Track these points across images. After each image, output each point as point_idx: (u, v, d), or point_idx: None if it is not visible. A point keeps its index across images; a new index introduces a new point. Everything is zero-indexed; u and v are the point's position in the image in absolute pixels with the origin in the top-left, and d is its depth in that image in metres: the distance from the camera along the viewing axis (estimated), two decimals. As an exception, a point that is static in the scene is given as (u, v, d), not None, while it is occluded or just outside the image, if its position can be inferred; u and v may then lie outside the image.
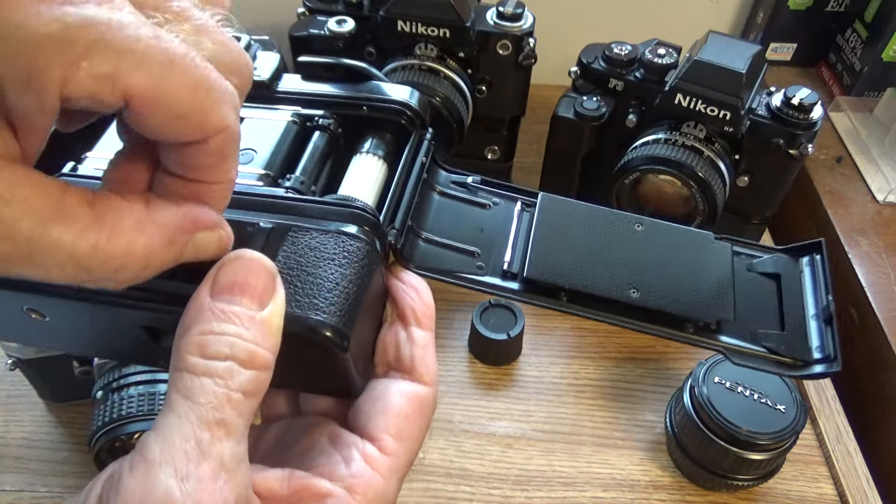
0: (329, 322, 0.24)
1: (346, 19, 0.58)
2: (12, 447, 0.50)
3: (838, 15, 0.79)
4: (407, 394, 0.27)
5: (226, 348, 0.22)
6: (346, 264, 0.25)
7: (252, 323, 0.22)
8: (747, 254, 0.32)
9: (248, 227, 0.25)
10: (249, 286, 0.23)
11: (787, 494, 0.51)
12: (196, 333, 0.22)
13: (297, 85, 0.32)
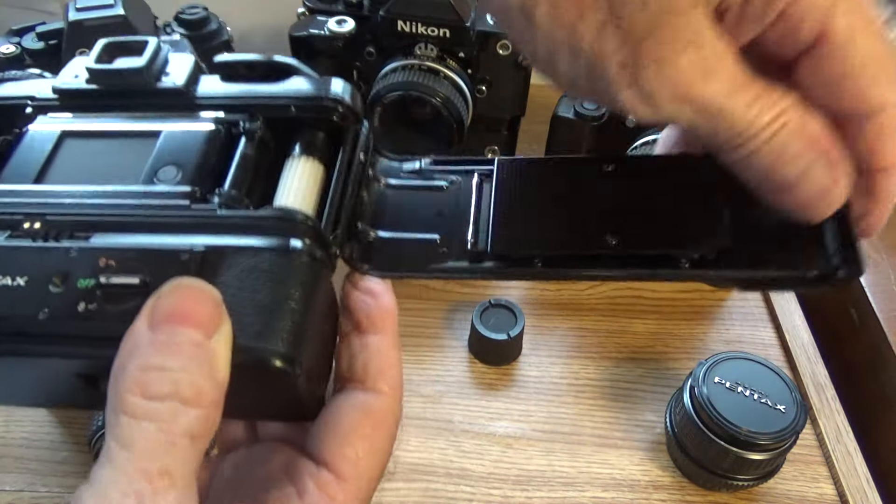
0: (277, 349, 0.22)
1: (346, 19, 0.59)
2: (12, 447, 0.50)
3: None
4: (360, 406, 0.25)
5: (168, 385, 0.20)
6: (291, 284, 0.24)
7: (197, 355, 0.20)
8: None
9: (182, 254, 0.24)
10: (192, 315, 0.21)
11: (787, 494, 0.51)
12: (135, 369, 0.20)
13: (217, 87, 0.29)
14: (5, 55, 0.52)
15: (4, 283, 0.24)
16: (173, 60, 0.29)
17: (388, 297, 0.27)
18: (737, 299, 0.64)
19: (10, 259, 0.24)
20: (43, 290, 0.24)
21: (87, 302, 0.23)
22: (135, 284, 0.23)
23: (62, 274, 0.24)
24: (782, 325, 0.61)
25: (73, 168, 0.27)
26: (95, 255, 0.24)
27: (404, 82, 0.56)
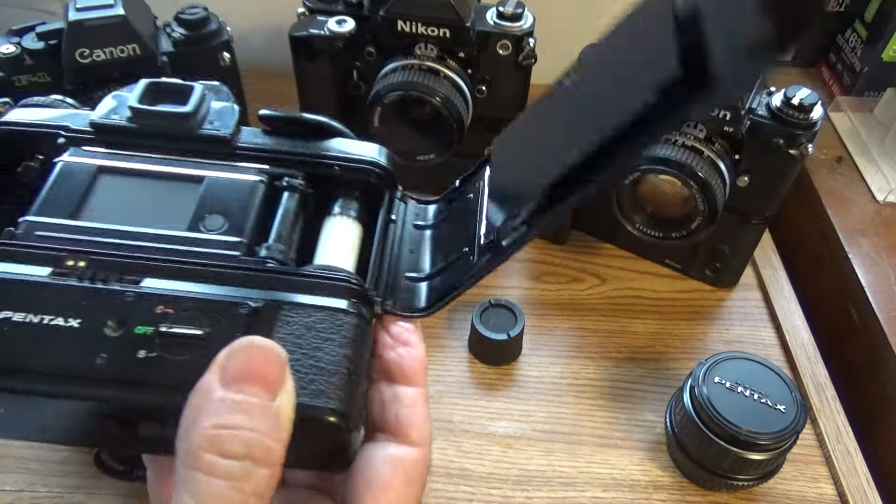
0: (337, 408, 0.23)
1: (346, 19, 0.58)
2: (12, 447, 0.50)
3: (838, 15, 0.79)
4: (393, 461, 0.25)
5: (242, 446, 0.20)
6: (344, 343, 0.25)
7: (266, 415, 0.21)
8: None
9: (240, 308, 0.24)
10: (262, 375, 0.21)
11: (787, 494, 0.51)
12: (210, 427, 0.20)
13: (260, 140, 0.30)
14: (5, 55, 0.52)
15: (57, 324, 0.24)
16: (216, 108, 0.29)
17: (420, 349, 0.28)
18: (737, 299, 0.64)
19: (60, 298, 0.24)
20: (99, 333, 0.23)
21: (147, 349, 0.23)
22: (197, 335, 0.24)
23: (119, 318, 0.24)
24: (782, 325, 0.61)
25: (111, 206, 0.27)
26: (152, 301, 0.24)
27: (404, 82, 0.56)
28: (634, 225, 0.57)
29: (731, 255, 0.61)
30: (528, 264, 0.66)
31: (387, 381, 0.27)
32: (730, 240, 0.60)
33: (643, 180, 0.55)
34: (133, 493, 0.48)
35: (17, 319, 0.23)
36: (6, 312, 0.23)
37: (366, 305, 0.26)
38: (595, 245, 0.67)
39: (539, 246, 0.67)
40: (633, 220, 0.57)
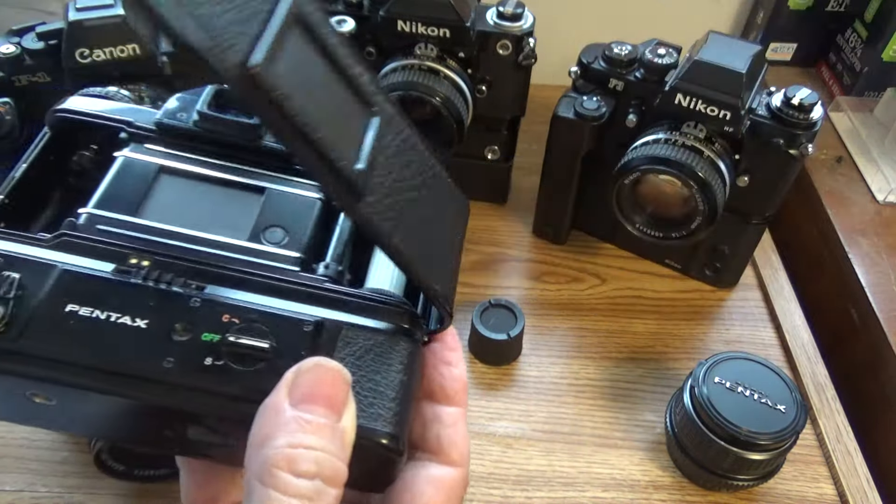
0: (394, 433, 0.24)
1: (346, 19, 0.58)
2: (12, 447, 0.50)
3: (838, 15, 0.79)
4: (435, 481, 0.26)
5: (314, 466, 0.21)
6: (402, 369, 0.25)
7: (334, 436, 0.21)
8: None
9: (305, 325, 0.25)
10: (330, 397, 0.22)
11: (787, 494, 0.51)
12: (284, 445, 0.21)
13: None
14: (5, 55, 0.52)
15: (124, 322, 0.23)
16: None
17: (462, 368, 0.28)
18: (737, 299, 0.64)
19: (126, 296, 0.24)
20: (166, 336, 0.24)
21: (214, 357, 0.24)
22: (263, 348, 0.24)
23: (186, 323, 0.24)
24: (782, 325, 0.61)
25: (172, 207, 0.27)
26: (218, 309, 0.24)
27: (404, 82, 0.56)
28: (634, 225, 0.57)
29: (731, 255, 0.61)
30: (528, 264, 0.66)
31: (428, 400, 0.27)
32: (730, 240, 0.60)
33: (643, 180, 0.55)
34: (133, 493, 0.48)
35: (84, 314, 0.23)
36: (72, 306, 0.23)
37: (418, 330, 0.27)
38: (595, 245, 0.67)
39: (539, 246, 0.67)
40: (633, 220, 0.57)
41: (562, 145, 0.59)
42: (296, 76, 0.21)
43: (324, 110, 0.22)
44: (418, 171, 0.26)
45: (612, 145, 0.58)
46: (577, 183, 0.62)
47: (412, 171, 0.26)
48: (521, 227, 0.69)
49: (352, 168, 0.23)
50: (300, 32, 0.22)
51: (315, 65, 0.22)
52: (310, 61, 0.22)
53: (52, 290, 0.24)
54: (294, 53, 0.21)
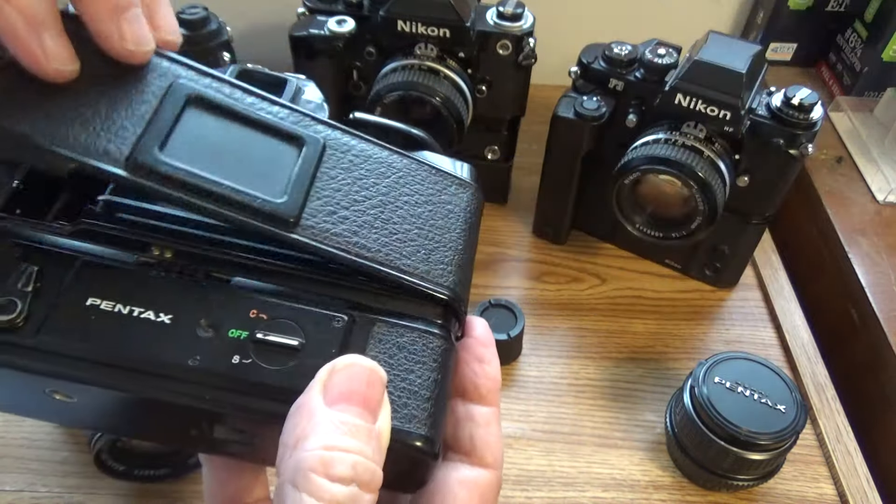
0: (428, 435, 0.23)
1: (346, 19, 0.58)
2: (12, 447, 0.50)
3: (838, 15, 0.79)
4: (468, 483, 0.25)
5: (350, 469, 0.19)
6: (436, 367, 0.24)
7: (370, 438, 0.20)
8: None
9: (335, 321, 0.24)
10: (365, 396, 0.21)
11: (787, 494, 0.51)
12: (318, 447, 0.20)
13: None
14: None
15: (147, 317, 0.23)
16: (307, 107, 0.28)
17: (495, 365, 0.27)
18: (737, 299, 0.64)
19: (150, 289, 0.23)
20: (192, 332, 0.23)
21: (242, 355, 0.23)
22: (293, 346, 0.23)
23: (211, 319, 0.23)
24: (782, 325, 0.61)
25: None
26: (245, 304, 0.23)
27: (404, 82, 0.56)
28: (634, 225, 0.57)
29: (731, 255, 0.61)
30: (528, 264, 0.66)
31: (461, 399, 0.26)
32: (730, 240, 0.60)
33: (643, 180, 0.55)
34: (133, 493, 0.48)
35: (105, 308, 0.22)
36: (93, 299, 0.22)
37: (452, 325, 0.26)
38: (595, 245, 0.67)
39: (539, 246, 0.67)
40: (633, 220, 0.57)
41: (562, 145, 0.59)
42: (194, 149, 0.24)
43: (230, 166, 0.24)
44: (381, 177, 0.27)
45: (612, 145, 0.58)
46: (577, 183, 0.62)
47: (371, 180, 0.27)
48: (521, 227, 0.69)
49: (272, 203, 0.24)
50: (201, 110, 0.25)
51: (222, 129, 0.25)
52: (215, 129, 0.24)
53: (73, 283, 0.23)
54: (192, 130, 0.24)
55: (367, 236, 0.25)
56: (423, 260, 0.26)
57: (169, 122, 0.24)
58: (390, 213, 0.26)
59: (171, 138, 0.24)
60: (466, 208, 0.28)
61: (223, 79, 0.26)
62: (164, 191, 0.23)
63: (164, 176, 0.23)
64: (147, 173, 0.23)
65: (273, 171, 0.25)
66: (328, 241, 0.24)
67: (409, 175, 0.28)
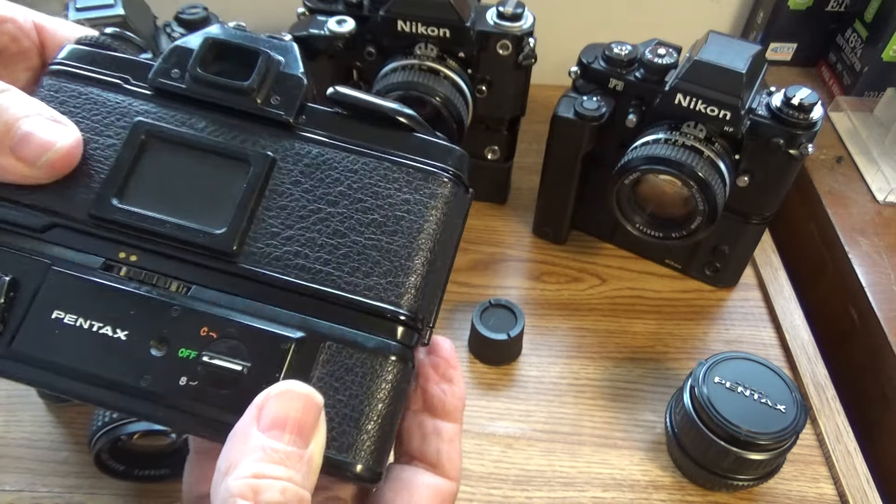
0: (364, 465, 0.23)
1: (346, 19, 0.58)
2: (12, 447, 0.50)
3: (838, 15, 0.79)
4: (433, 488, 0.26)
5: (279, 496, 0.21)
6: (384, 391, 0.24)
7: (300, 464, 0.21)
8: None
9: (283, 343, 0.24)
10: (298, 423, 0.22)
11: (787, 494, 0.51)
12: (248, 475, 0.21)
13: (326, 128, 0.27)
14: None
15: (105, 333, 0.24)
16: (282, 80, 0.27)
17: (461, 387, 0.28)
18: (737, 299, 0.64)
19: (110, 302, 0.24)
20: (144, 351, 0.24)
21: (189, 377, 0.23)
22: (238, 371, 0.23)
23: (163, 337, 0.24)
24: (782, 325, 0.61)
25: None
26: (197, 320, 0.24)
27: (404, 82, 0.56)
28: (634, 225, 0.57)
29: (731, 255, 0.61)
30: (528, 264, 0.66)
31: (429, 414, 0.28)
32: (730, 240, 0.60)
33: (643, 180, 0.55)
34: (133, 493, 0.48)
35: (68, 322, 0.24)
36: (58, 312, 0.24)
37: (410, 346, 0.25)
38: (595, 245, 0.67)
39: (539, 246, 0.67)
40: (633, 220, 0.57)
41: (562, 145, 0.59)
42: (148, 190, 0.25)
43: (181, 202, 0.25)
44: (333, 184, 0.26)
45: (612, 145, 0.58)
46: (576, 183, 0.62)
47: (321, 191, 0.26)
48: (521, 227, 0.69)
49: (212, 235, 0.25)
50: (156, 147, 0.26)
51: (177, 163, 0.26)
52: (169, 164, 0.26)
53: (42, 294, 0.24)
54: (148, 170, 0.26)
55: (311, 255, 0.25)
56: (374, 274, 0.25)
57: (127, 166, 0.26)
58: (338, 225, 0.25)
59: (128, 183, 0.25)
60: (435, 206, 0.26)
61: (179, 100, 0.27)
62: (120, 238, 0.25)
63: (120, 224, 0.25)
64: (106, 223, 0.25)
65: (220, 199, 0.25)
66: (269, 266, 0.25)
67: (365, 177, 0.26)
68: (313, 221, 0.25)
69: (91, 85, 0.27)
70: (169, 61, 0.27)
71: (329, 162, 0.26)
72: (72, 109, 0.26)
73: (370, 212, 0.26)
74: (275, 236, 0.25)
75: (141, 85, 0.27)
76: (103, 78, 0.27)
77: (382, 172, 0.26)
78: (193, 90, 0.26)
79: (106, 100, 0.27)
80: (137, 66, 0.27)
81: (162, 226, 0.25)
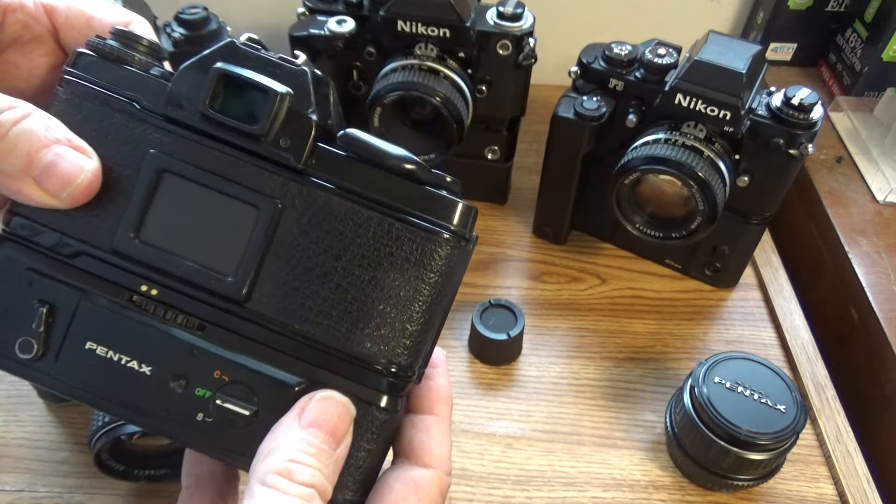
0: (353, 500, 0.27)
1: (346, 19, 0.58)
2: (12, 447, 0.50)
3: (838, 15, 0.79)
4: (405, 478, 0.27)
5: (310, 478, 0.23)
6: (372, 440, 0.27)
7: (329, 461, 0.24)
8: None
9: (286, 389, 0.26)
10: (333, 427, 0.25)
11: (787, 494, 0.51)
12: (286, 459, 0.24)
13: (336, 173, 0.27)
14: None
15: (132, 367, 0.26)
16: (293, 122, 0.26)
17: (445, 380, 0.30)
18: (737, 299, 0.64)
19: (137, 338, 0.26)
20: (165, 386, 0.26)
21: (205, 414, 0.26)
22: (246, 416, 0.26)
23: (183, 376, 0.26)
24: (782, 325, 0.61)
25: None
26: (212, 363, 0.26)
27: (404, 82, 0.56)
28: (634, 225, 0.57)
29: (731, 255, 0.61)
30: (528, 264, 0.66)
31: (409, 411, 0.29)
32: (730, 240, 0.60)
33: (643, 180, 0.55)
34: (133, 493, 0.48)
35: (100, 353, 0.26)
36: (91, 344, 0.26)
37: (399, 395, 0.28)
38: (595, 245, 0.67)
39: (539, 246, 0.67)
40: (633, 220, 0.57)
41: (562, 145, 0.59)
42: (166, 223, 0.26)
43: (195, 240, 0.26)
44: (338, 238, 0.26)
45: (612, 145, 0.58)
46: (576, 183, 0.62)
47: (326, 244, 0.26)
48: (521, 227, 0.69)
49: (224, 282, 0.26)
50: (171, 181, 0.26)
51: (190, 199, 0.26)
52: (184, 200, 0.26)
53: (76, 325, 0.27)
54: (164, 205, 0.26)
55: (314, 308, 0.26)
56: (371, 331, 0.26)
57: (143, 200, 0.27)
58: (341, 279, 0.26)
59: (145, 219, 0.27)
60: (434, 267, 0.27)
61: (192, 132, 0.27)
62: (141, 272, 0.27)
63: (140, 260, 0.27)
64: (124, 257, 0.27)
65: (231, 241, 0.26)
66: (276, 313, 0.27)
67: (369, 232, 0.26)
68: (318, 274, 0.26)
69: (105, 104, 0.27)
70: (180, 87, 0.26)
71: (335, 213, 0.27)
72: (89, 134, 0.26)
73: (372, 268, 0.27)
74: (281, 286, 0.27)
75: (153, 111, 0.27)
76: (115, 97, 0.27)
77: (386, 228, 0.27)
78: (203, 126, 0.26)
79: (120, 125, 0.27)
80: (149, 87, 0.27)
81: (178, 266, 0.26)
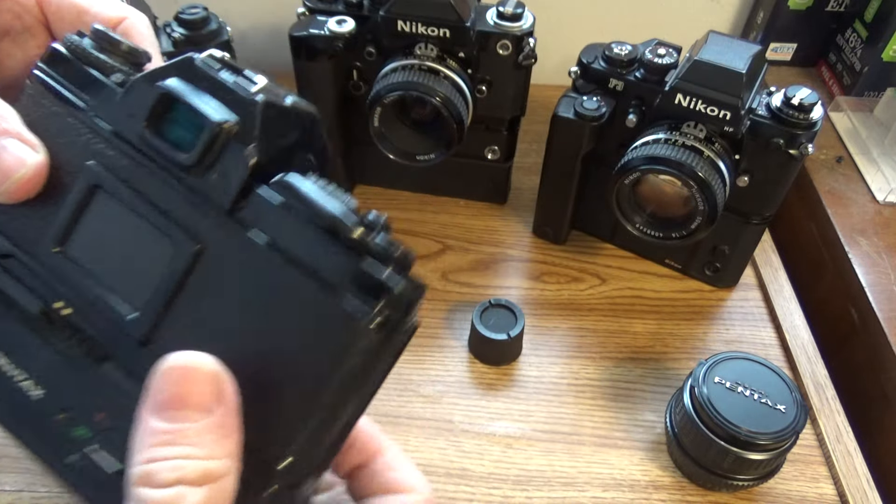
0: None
1: (346, 19, 0.58)
2: (12, 447, 0.50)
3: (838, 15, 0.79)
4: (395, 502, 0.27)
5: (172, 474, 0.20)
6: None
7: (202, 435, 0.21)
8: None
9: None
10: (192, 396, 0.21)
11: (787, 494, 0.51)
12: (141, 462, 0.21)
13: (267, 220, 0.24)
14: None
15: (27, 387, 0.26)
16: (227, 157, 0.24)
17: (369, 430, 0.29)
18: (737, 299, 0.64)
19: (39, 357, 0.26)
20: (51, 416, 0.25)
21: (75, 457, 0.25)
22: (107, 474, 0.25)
23: (69, 410, 0.25)
24: (782, 325, 0.61)
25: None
26: (98, 403, 0.25)
27: (404, 82, 0.56)
28: (634, 225, 0.57)
29: (731, 255, 0.61)
30: (528, 264, 0.66)
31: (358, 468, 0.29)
32: (730, 240, 0.60)
33: (643, 180, 0.55)
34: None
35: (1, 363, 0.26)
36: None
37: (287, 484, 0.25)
38: (595, 245, 0.67)
39: (539, 246, 0.67)
40: (633, 220, 0.57)
41: (562, 145, 0.59)
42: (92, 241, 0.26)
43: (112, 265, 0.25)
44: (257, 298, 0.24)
45: (612, 145, 0.58)
46: (577, 183, 0.62)
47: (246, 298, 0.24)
48: (521, 227, 0.69)
49: (127, 318, 0.25)
50: (102, 198, 0.25)
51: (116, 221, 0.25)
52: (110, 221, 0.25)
53: None
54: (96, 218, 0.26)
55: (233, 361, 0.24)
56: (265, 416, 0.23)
57: (73, 213, 0.26)
58: (249, 345, 0.24)
59: (72, 234, 0.26)
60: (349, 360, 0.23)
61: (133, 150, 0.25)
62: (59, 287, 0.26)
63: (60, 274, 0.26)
64: (49, 268, 0.26)
65: (145, 274, 0.25)
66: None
67: (289, 303, 0.23)
68: (226, 333, 0.24)
69: (62, 104, 0.26)
70: (129, 99, 0.25)
71: (257, 269, 0.24)
72: (44, 132, 0.26)
73: (284, 341, 0.23)
74: (185, 336, 0.24)
75: (101, 120, 0.26)
76: (72, 99, 0.26)
77: (308, 301, 0.23)
78: (142, 145, 0.25)
79: (71, 129, 0.26)
80: (104, 94, 0.26)
81: (92, 290, 0.25)
